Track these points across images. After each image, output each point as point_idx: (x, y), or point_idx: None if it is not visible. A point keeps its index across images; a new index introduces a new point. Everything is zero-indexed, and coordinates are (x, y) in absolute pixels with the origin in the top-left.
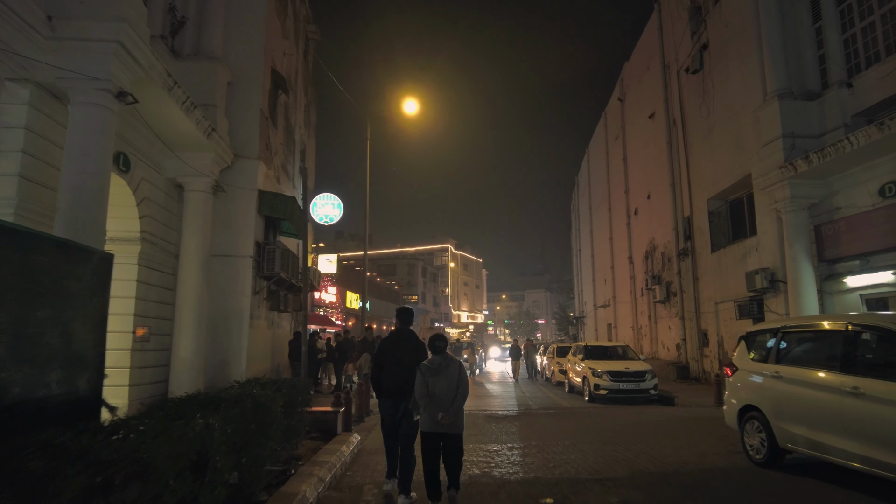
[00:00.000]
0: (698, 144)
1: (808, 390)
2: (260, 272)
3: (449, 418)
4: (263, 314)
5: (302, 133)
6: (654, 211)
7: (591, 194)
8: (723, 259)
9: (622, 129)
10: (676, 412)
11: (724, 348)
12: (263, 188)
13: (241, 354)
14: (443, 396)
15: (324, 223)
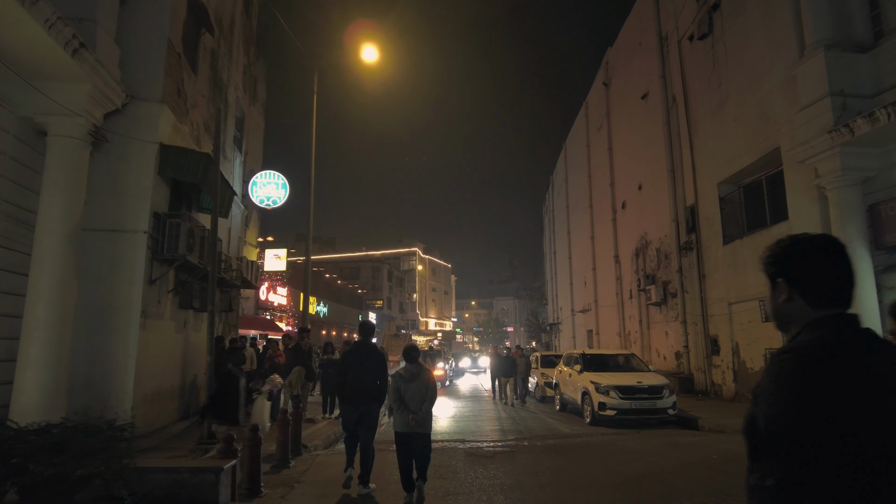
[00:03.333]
0: (705, 121)
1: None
2: (158, 254)
3: (418, 420)
4: (167, 312)
5: (240, 98)
6: (647, 203)
7: (568, 192)
8: (739, 252)
9: (607, 116)
10: (717, 442)
11: (739, 357)
12: (171, 144)
13: (126, 366)
14: (414, 401)
15: (266, 206)
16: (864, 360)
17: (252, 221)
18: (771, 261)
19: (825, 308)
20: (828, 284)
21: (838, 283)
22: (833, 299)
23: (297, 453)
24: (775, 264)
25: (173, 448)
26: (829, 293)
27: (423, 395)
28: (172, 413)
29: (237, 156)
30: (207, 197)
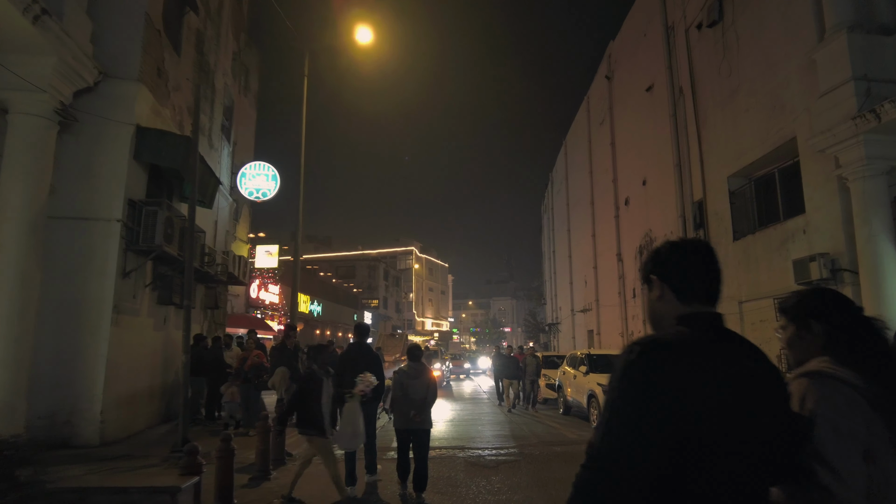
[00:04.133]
0: (715, 113)
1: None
2: (133, 245)
3: (420, 416)
4: (145, 308)
5: (229, 85)
6: (652, 198)
7: (569, 189)
8: (751, 248)
9: (609, 110)
10: None
11: None
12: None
13: (96, 366)
14: (416, 398)
15: (255, 199)
16: (709, 359)
17: (243, 216)
18: (648, 260)
19: (693, 305)
20: (696, 282)
21: (706, 280)
22: (700, 296)
23: (280, 463)
24: (651, 263)
25: (144, 456)
26: (697, 290)
27: (426, 392)
28: (151, 416)
29: (225, 145)
30: (190, 185)
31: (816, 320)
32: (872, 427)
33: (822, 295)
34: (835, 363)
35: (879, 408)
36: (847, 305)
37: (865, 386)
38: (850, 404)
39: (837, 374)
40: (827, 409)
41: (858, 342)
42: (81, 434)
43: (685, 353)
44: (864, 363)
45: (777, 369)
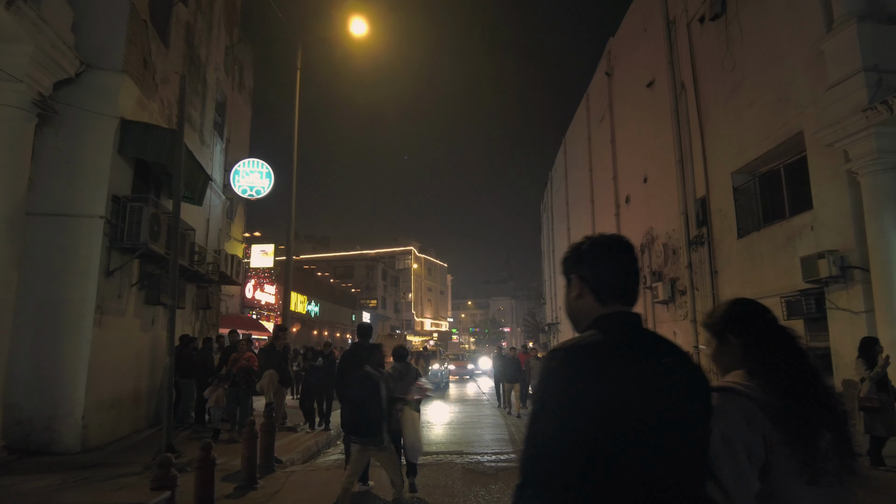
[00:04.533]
0: (717, 108)
1: None
2: (117, 242)
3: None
4: (131, 308)
5: (222, 80)
6: (653, 196)
7: (568, 188)
8: (755, 245)
9: (609, 107)
10: None
11: None
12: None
13: (77, 369)
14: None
15: (248, 196)
16: (627, 362)
17: (237, 215)
18: (566, 258)
19: (610, 305)
20: (614, 282)
21: (624, 280)
22: (617, 296)
23: (268, 470)
24: (570, 261)
25: (126, 464)
26: (615, 290)
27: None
28: (138, 420)
29: (218, 142)
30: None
31: (732, 334)
32: (771, 443)
33: (739, 307)
34: (747, 376)
35: (780, 423)
36: (762, 317)
37: (769, 400)
38: (749, 420)
39: (740, 389)
40: (723, 424)
41: (771, 355)
42: (62, 440)
43: (603, 357)
44: (776, 376)
45: (699, 370)
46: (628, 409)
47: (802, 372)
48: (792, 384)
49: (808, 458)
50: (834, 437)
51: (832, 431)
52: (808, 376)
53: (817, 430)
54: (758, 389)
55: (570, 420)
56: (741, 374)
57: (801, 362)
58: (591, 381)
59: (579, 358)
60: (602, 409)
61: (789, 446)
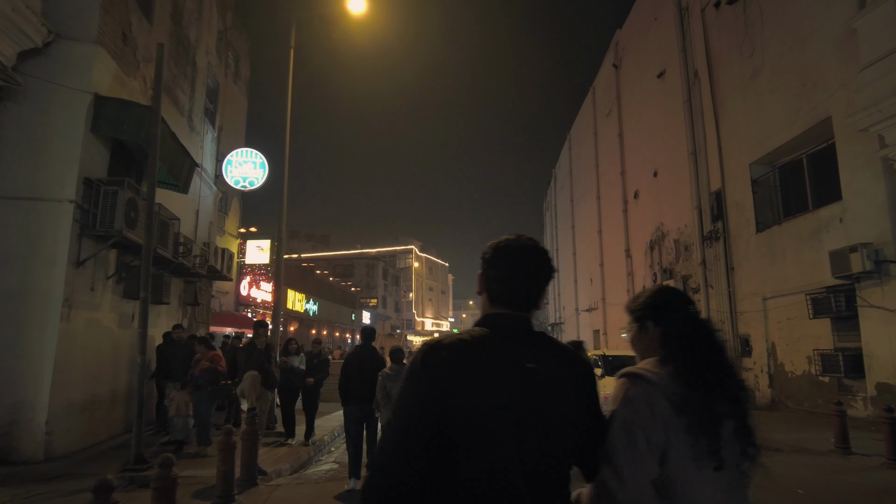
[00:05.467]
0: (734, 96)
1: None
2: (90, 229)
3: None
4: (106, 302)
5: (213, 65)
6: (664, 190)
7: (573, 185)
8: (776, 240)
9: (617, 100)
10: (787, 465)
11: (776, 359)
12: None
13: (41, 371)
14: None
15: (241, 188)
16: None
17: (232, 209)
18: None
19: (498, 306)
20: (502, 285)
21: (513, 285)
22: (504, 299)
23: (250, 484)
24: (482, 260)
25: (90, 475)
26: (502, 293)
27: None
28: (114, 424)
29: (209, 130)
30: (164, 169)
31: (652, 321)
32: (672, 432)
33: (663, 295)
34: (659, 364)
35: (685, 412)
36: (683, 307)
37: (676, 389)
38: (652, 407)
39: (646, 376)
40: (625, 410)
41: (685, 345)
42: (22, 448)
43: (463, 352)
44: (686, 366)
45: (581, 368)
46: (481, 400)
47: (714, 364)
48: (701, 375)
49: (712, 447)
50: (735, 426)
51: (734, 420)
52: (718, 368)
53: (720, 420)
54: (666, 377)
55: (415, 407)
56: (654, 361)
57: (714, 354)
58: (437, 375)
59: (433, 353)
60: (456, 400)
61: (692, 435)
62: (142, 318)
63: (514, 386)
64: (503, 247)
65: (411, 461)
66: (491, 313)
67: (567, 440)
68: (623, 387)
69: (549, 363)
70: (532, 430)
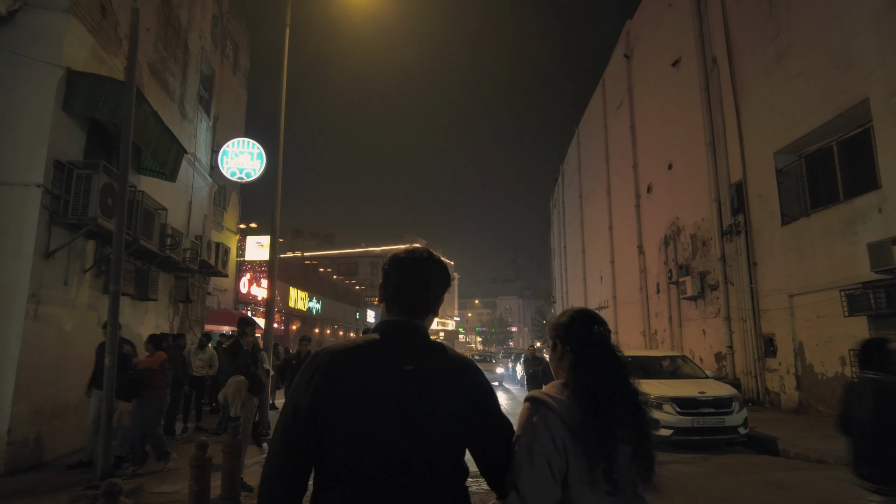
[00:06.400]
0: (757, 81)
1: None
2: (60, 217)
3: None
4: (83, 298)
5: (208, 51)
6: (679, 183)
7: (582, 180)
8: (804, 233)
9: (629, 91)
10: (832, 480)
11: (804, 359)
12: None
13: (3, 372)
14: None
15: (238, 179)
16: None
17: (231, 204)
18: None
19: (391, 313)
20: (391, 294)
21: (399, 294)
22: (394, 307)
23: (232, 502)
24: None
25: (52, 492)
26: (391, 301)
27: None
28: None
29: (203, 118)
30: (148, 157)
31: (561, 342)
32: (571, 457)
33: (569, 317)
34: (562, 386)
35: (580, 437)
36: (588, 329)
37: (571, 414)
38: (553, 434)
39: (548, 402)
40: (527, 436)
41: (584, 369)
42: None
43: (344, 356)
44: (582, 391)
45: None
46: (343, 401)
47: (609, 388)
48: (594, 399)
49: (606, 471)
50: (634, 450)
51: (633, 444)
52: (615, 392)
53: (615, 444)
54: (565, 402)
55: (295, 407)
56: (559, 384)
57: (613, 378)
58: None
59: (317, 358)
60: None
61: (587, 459)
62: (111, 313)
63: (388, 386)
64: (396, 259)
65: (290, 455)
66: (383, 320)
67: (444, 438)
68: (527, 412)
69: (431, 366)
70: (405, 426)
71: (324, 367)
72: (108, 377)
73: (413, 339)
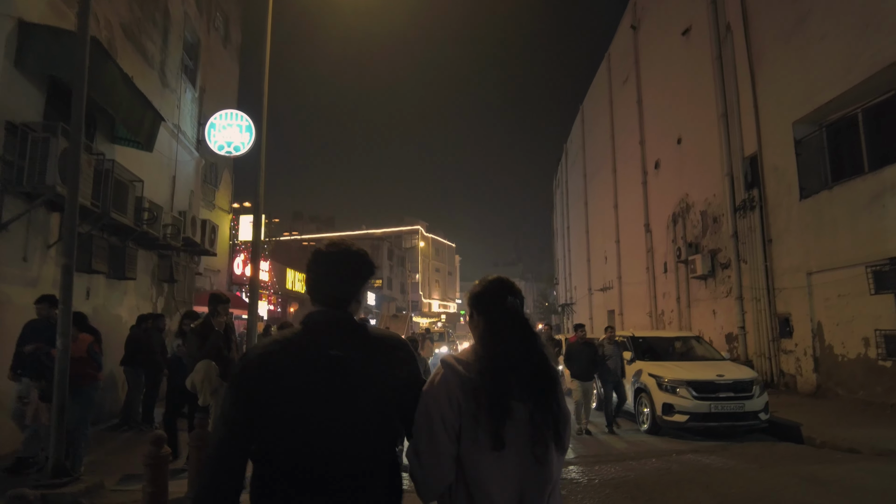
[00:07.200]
0: (775, 48)
1: None
2: (13, 185)
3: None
4: (47, 276)
5: (192, 17)
6: (689, 158)
7: (586, 159)
8: (825, 207)
9: (635, 65)
10: (871, 473)
11: (823, 340)
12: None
13: None
14: None
15: (226, 153)
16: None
17: (223, 182)
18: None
19: (315, 304)
20: (314, 286)
21: (321, 286)
22: (317, 299)
23: None
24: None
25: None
26: (314, 293)
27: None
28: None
29: (188, 89)
30: (122, 126)
31: (475, 310)
32: (464, 416)
33: (483, 285)
34: (471, 350)
35: (473, 397)
36: (501, 297)
37: (477, 378)
38: (449, 393)
39: (452, 364)
40: (427, 394)
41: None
42: None
43: (270, 353)
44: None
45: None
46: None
47: (516, 353)
48: (494, 365)
49: (494, 430)
50: (533, 409)
51: (531, 404)
52: (521, 358)
53: (508, 403)
54: (469, 364)
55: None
56: (467, 348)
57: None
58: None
59: (245, 358)
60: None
61: (478, 417)
62: (63, 291)
63: (313, 373)
64: (318, 253)
65: (227, 462)
66: (309, 311)
67: (374, 419)
68: (436, 372)
69: (356, 351)
70: (332, 411)
71: (253, 370)
72: (61, 362)
73: (336, 326)
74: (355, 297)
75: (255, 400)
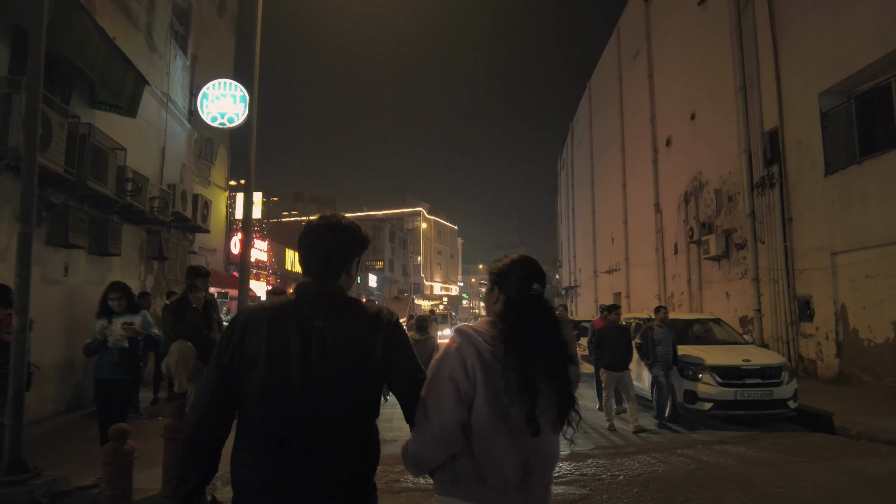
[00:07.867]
0: (802, 15)
1: None
2: None
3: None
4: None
5: None
6: (703, 134)
7: (593, 137)
8: (853, 183)
9: (647, 38)
10: None
11: (847, 324)
12: None
13: None
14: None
15: (220, 125)
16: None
17: (219, 158)
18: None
19: (305, 277)
20: (303, 259)
21: (309, 259)
22: (306, 271)
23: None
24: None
25: None
26: (304, 266)
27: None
28: (44, 404)
29: (178, 56)
30: (103, 90)
31: (499, 287)
32: (479, 386)
33: (511, 267)
34: (489, 324)
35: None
36: (527, 282)
37: (493, 349)
38: (465, 360)
39: (471, 335)
40: (443, 361)
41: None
42: None
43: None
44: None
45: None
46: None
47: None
48: (517, 343)
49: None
50: (549, 395)
51: (549, 390)
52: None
53: (537, 385)
54: (490, 337)
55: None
56: (488, 321)
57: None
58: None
59: (235, 319)
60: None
61: (500, 391)
62: (20, 262)
63: (295, 341)
64: (308, 224)
65: (214, 409)
66: (299, 283)
67: (353, 386)
68: (452, 340)
69: (340, 323)
70: (309, 377)
71: (241, 326)
72: (18, 341)
73: (322, 298)
74: (345, 269)
75: (240, 359)
